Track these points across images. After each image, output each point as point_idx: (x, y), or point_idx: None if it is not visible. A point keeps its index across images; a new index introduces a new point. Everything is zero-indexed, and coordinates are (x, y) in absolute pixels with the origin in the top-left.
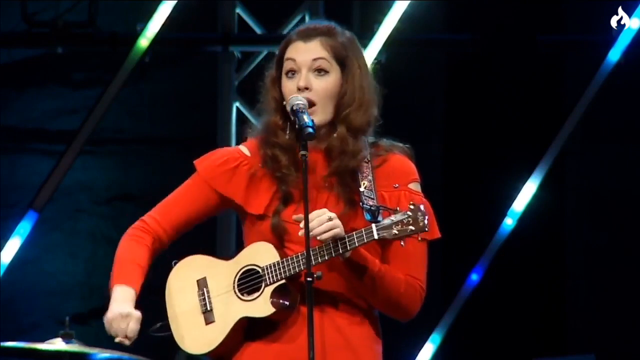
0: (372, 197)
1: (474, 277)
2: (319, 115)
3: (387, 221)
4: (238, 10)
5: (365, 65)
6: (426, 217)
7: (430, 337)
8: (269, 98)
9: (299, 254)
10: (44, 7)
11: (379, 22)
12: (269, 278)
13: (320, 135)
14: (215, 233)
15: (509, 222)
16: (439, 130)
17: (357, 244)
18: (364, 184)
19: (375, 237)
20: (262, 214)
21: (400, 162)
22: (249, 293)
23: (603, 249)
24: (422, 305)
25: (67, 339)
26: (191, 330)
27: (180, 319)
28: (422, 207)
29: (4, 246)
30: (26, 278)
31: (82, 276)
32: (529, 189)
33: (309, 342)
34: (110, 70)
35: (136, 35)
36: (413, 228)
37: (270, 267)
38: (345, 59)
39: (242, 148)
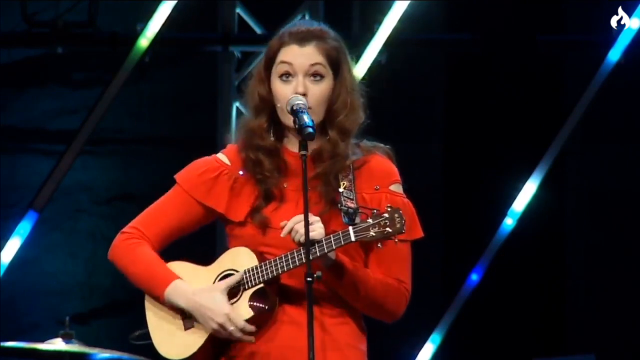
0: (351, 197)
1: (474, 277)
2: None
3: (364, 223)
4: (238, 10)
5: (352, 68)
6: (403, 219)
7: (430, 337)
8: (256, 97)
9: (277, 258)
10: (44, 7)
11: (379, 22)
12: (247, 282)
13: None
14: (215, 234)
15: (509, 222)
16: (439, 130)
17: (334, 247)
18: (343, 184)
19: (352, 239)
20: (243, 220)
21: (381, 163)
22: (228, 298)
23: (603, 249)
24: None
25: (67, 339)
26: (170, 336)
27: (159, 325)
28: (399, 209)
29: (4, 246)
30: (26, 278)
31: (82, 276)
32: (529, 189)
33: (308, 343)
34: (110, 70)
35: (136, 35)
36: (390, 230)
37: (248, 271)
38: (338, 63)
39: (221, 156)
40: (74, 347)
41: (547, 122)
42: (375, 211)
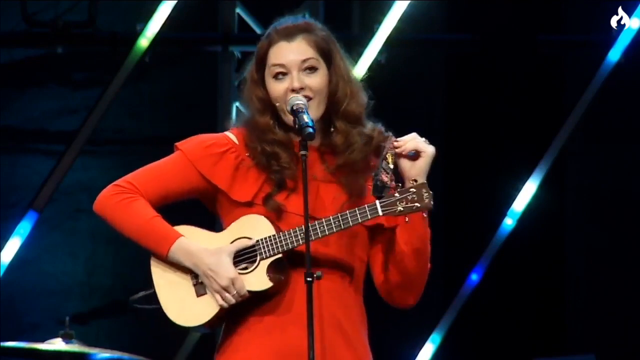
0: (387, 172)
1: (474, 277)
2: (314, 111)
3: (391, 197)
4: (238, 10)
5: (344, 54)
6: (431, 194)
7: (430, 337)
8: (254, 99)
9: (297, 228)
10: (44, 7)
11: (379, 22)
12: (265, 251)
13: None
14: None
15: (509, 222)
16: (439, 130)
17: (360, 221)
18: (391, 157)
19: (380, 213)
20: (250, 201)
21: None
22: (242, 266)
23: (603, 249)
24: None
25: (67, 339)
26: (181, 302)
27: (169, 290)
28: (425, 183)
29: (4, 246)
30: (26, 278)
31: (82, 276)
32: (529, 189)
33: (308, 342)
34: (110, 70)
35: (136, 35)
36: (419, 205)
37: (266, 240)
38: (329, 53)
39: (230, 135)
40: (74, 347)
41: (547, 122)
42: (399, 185)
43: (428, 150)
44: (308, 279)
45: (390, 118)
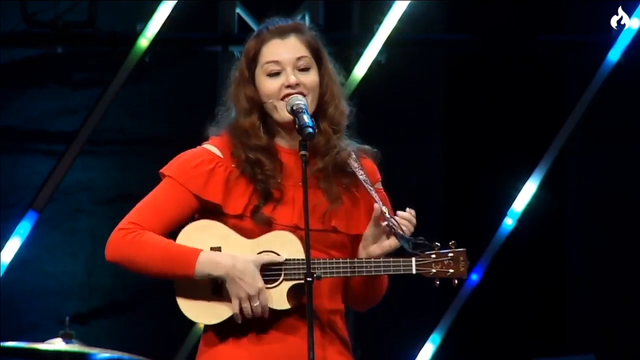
0: (396, 224)
1: (474, 277)
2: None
3: (427, 258)
4: (238, 10)
5: (330, 58)
6: (468, 262)
7: (430, 337)
8: (242, 98)
9: (327, 260)
10: (44, 7)
11: (379, 22)
12: (291, 273)
13: (295, 134)
14: None
15: (509, 222)
16: (439, 130)
17: (391, 271)
18: (383, 207)
19: (413, 272)
20: (241, 213)
21: (370, 163)
22: (267, 280)
23: (603, 249)
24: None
25: (67, 339)
26: (195, 298)
27: (186, 283)
28: (465, 250)
29: (4, 246)
30: (26, 278)
31: (82, 276)
32: (529, 189)
33: (308, 342)
34: (110, 70)
35: (136, 35)
36: (453, 271)
37: (296, 262)
38: (319, 54)
39: (212, 148)
40: (74, 347)
41: (547, 122)
42: (436, 244)
43: (395, 243)
44: (308, 279)
45: (391, 118)
